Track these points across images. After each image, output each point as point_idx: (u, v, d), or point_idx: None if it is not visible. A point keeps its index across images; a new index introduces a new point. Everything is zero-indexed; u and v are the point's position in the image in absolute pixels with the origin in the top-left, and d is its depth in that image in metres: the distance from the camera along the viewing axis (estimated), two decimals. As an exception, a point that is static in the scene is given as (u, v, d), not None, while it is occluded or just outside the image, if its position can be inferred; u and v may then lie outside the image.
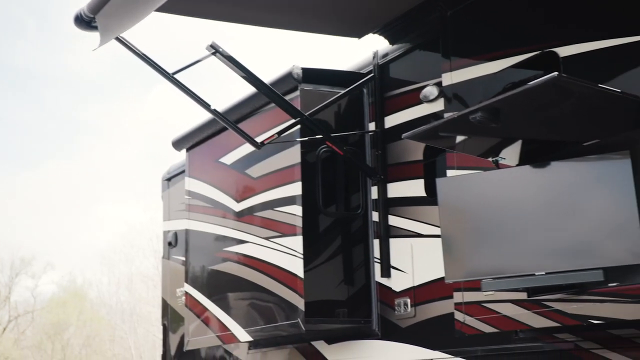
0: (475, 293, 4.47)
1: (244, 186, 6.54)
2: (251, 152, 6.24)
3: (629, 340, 3.99)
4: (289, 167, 5.92)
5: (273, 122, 5.97)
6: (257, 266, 6.25)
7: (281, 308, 5.88)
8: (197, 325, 7.00)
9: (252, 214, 6.36)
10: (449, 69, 4.84)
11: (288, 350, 6.53)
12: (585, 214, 4.02)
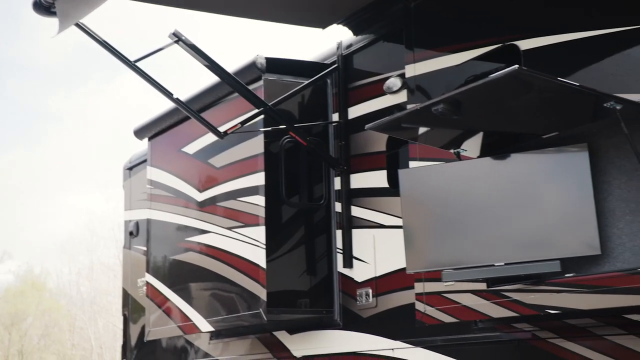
0: (436, 283, 4.51)
1: (206, 176, 6.50)
2: (214, 142, 6.20)
3: (585, 330, 4.07)
4: (252, 157, 5.90)
5: (236, 112, 5.94)
6: (219, 256, 6.23)
7: (243, 298, 5.87)
8: (158, 316, 6.95)
9: (215, 203, 6.33)
10: (412, 61, 4.86)
11: (250, 340, 6.53)
12: (543, 205, 4.08)
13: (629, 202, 3.90)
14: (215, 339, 6.90)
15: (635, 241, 3.85)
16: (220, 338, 6.84)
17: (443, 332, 4.82)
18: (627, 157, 3.90)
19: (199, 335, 7.06)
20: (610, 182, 3.98)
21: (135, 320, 8.24)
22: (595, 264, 4.00)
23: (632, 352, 3.85)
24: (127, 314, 8.44)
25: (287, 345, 6.13)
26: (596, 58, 3.87)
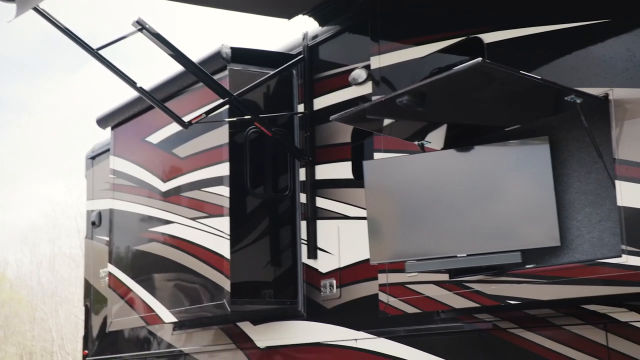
0: (399, 274, 4.54)
1: (170, 166, 6.45)
2: (178, 132, 6.15)
3: (544, 320, 4.14)
4: (217, 148, 5.87)
5: (201, 102, 5.90)
6: (183, 247, 6.19)
7: (207, 289, 5.85)
8: (121, 306, 6.89)
9: (179, 194, 6.29)
10: (377, 53, 4.87)
11: (213, 331, 6.51)
12: (505, 197, 4.13)
13: (588, 194, 3.96)
14: (178, 329, 6.87)
15: (593, 233, 3.92)
16: (184, 329, 6.82)
17: (406, 323, 4.86)
18: (586, 150, 3.97)
19: (162, 326, 7.02)
20: (570, 174, 4.04)
21: (97, 311, 8.17)
22: (555, 255, 4.07)
23: (589, 342, 3.93)
24: (89, 305, 8.36)
25: (251, 336, 6.13)
26: (558, 52, 3.92)
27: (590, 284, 3.65)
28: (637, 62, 3.57)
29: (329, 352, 5.45)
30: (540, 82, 3.64)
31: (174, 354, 6.93)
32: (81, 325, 8.75)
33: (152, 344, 7.27)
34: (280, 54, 6.04)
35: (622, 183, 3.55)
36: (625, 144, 3.55)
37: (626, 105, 3.57)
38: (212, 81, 5.53)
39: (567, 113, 3.89)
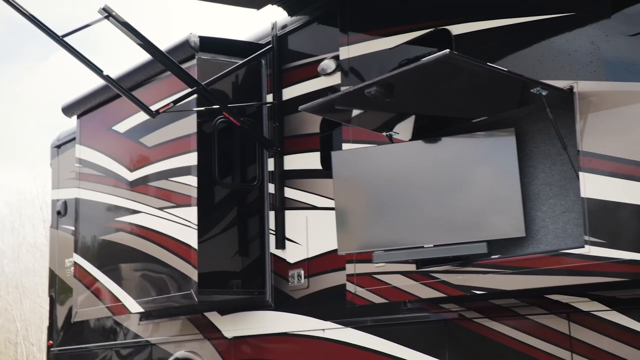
0: (367, 265, 4.57)
1: (137, 155, 6.40)
2: (146, 121, 6.10)
3: (509, 310, 4.19)
4: (185, 137, 5.83)
5: (169, 91, 5.85)
6: (150, 237, 6.15)
7: (174, 279, 5.83)
8: (86, 297, 6.84)
9: (146, 183, 6.24)
10: (346, 43, 4.88)
11: (180, 321, 6.49)
12: (472, 188, 4.17)
13: (552, 185, 4.02)
14: (145, 320, 6.84)
15: (558, 224, 3.98)
16: (151, 319, 6.78)
17: (373, 313, 4.88)
18: (551, 142, 4.01)
19: (128, 317, 6.98)
20: (535, 166, 4.09)
21: (62, 301, 8.10)
22: (520, 246, 4.12)
23: (553, 331, 3.99)
24: (53, 295, 8.28)
25: (218, 326, 6.12)
26: (524, 44, 3.96)
27: (553, 274, 3.70)
28: (601, 55, 3.62)
29: (297, 342, 5.46)
30: (507, 74, 3.67)
31: (140, 344, 6.89)
32: (46, 316, 8.65)
33: (119, 335, 7.22)
34: (249, 43, 6.01)
35: (585, 175, 3.60)
36: (589, 136, 3.60)
37: (590, 98, 3.62)
38: (180, 70, 5.48)
39: (533, 105, 3.93)
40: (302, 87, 5.63)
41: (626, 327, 3.69)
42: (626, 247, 3.45)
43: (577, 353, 3.87)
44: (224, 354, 6.02)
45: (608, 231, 3.51)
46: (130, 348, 7.04)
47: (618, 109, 3.52)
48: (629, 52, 3.52)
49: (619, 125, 3.51)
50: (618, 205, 3.49)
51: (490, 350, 4.26)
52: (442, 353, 4.49)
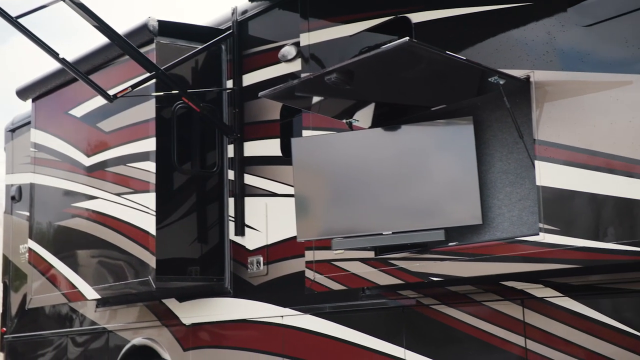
0: (326, 252, 4.58)
1: (95, 140, 6.31)
2: (103, 105, 6.01)
3: (465, 296, 4.24)
4: (143, 122, 5.76)
5: (127, 75, 5.77)
6: (108, 223, 6.08)
7: (131, 265, 5.78)
8: (42, 283, 6.74)
9: (104, 169, 6.17)
10: (307, 30, 4.86)
11: (138, 308, 6.44)
12: (430, 176, 4.20)
13: (509, 174, 4.07)
14: (102, 306, 6.77)
15: (513, 211, 4.03)
16: (107, 306, 6.72)
17: (332, 299, 4.90)
18: (508, 131, 4.06)
19: (84, 303, 6.91)
20: (492, 154, 4.14)
21: (17, 288, 7.98)
22: (477, 233, 4.17)
23: (507, 317, 4.05)
24: (7, 282, 8.15)
25: (177, 313, 6.09)
26: (483, 33, 3.99)
27: (509, 261, 3.75)
28: (557, 45, 3.66)
29: (255, 328, 5.46)
30: (465, 63, 3.70)
31: (97, 331, 6.83)
32: (-1, 303, 8.52)
33: (74, 322, 7.14)
34: (209, 28, 5.95)
35: (541, 163, 3.65)
36: (545, 125, 3.65)
37: (546, 87, 3.66)
38: (138, 54, 5.41)
39: (490, 94, 3.97)
40: (263, 74, 5.60)
41: (578, 312, 3.77)
42: (579, 235, 3.51)
43: (530, 338, 3.94)
44: (182, 341, 6.00)
45: (562, 219, 3.57)
46: (87, 335, 6.97)
47: (573, 98, 3.57)
48: (584, 43, 3.57)
49: (574, 115, 3.56)
50: (572, 194, 3.55)
51: (447, 336, 4.31)
52: (400, 339, 4.53)
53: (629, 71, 3.40)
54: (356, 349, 4.77)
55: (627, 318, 3.61)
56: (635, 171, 3.35)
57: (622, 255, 3.37)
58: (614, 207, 3.43)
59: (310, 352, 5.04)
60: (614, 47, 3.47)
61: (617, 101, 3.43)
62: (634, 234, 3.35)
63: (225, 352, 5.66)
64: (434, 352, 4.36)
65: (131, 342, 6.43)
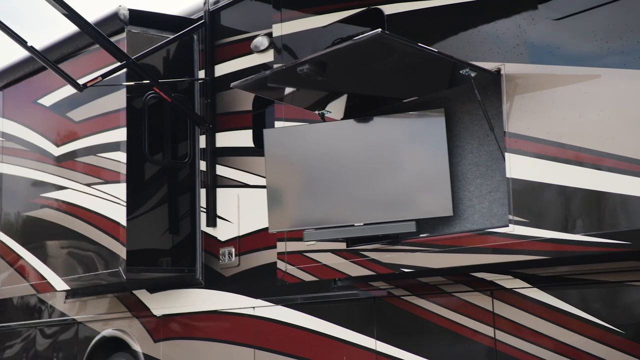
0: (298, 243, 4.58)
1: (64, 130, 6.24)
2: (73, 95, 5.94)
3: (435, 287, 4.27)
4: (114, 112, 5.71)
5: (97, 64, 5.71)
6: (77, 213, 6.03)
7: (101, 256, 5.73)
8: (9, 274, 6.67)
9: (73, 159, 6.11)
10: (279, 20, 4.84)
11: (108, 299, 6.39)
12: (402, 168, 4.22)
13: (480, 166, 4.10)
14: (71, 297, 6.71)
15: (484, 203, 4.06)
16: (77, 297, 6.66)
17: (303, 291, 4.91)
18: (479, 123, 4.09)
19: (54, 294, 6.84)
20: (463, 146, 4.16)
21: (-16, 279, 7.87)
22: (448, 225, 4.19)
23: (477, 308, 4.08)
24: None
25: (147, 304, 6.05)
26: (455, 26, 4.00)
27: (479, 252, 3.78)
28: (527, 38, 3.69)
29: (227, 319, 5.45)
30: (437, 55, 3.71)
31: (66, 322, 6.77)
32: (-33, 294, 8.39)
33: (43, 313, 7.07)
34: (181, 18, 5.91)
35: (511, 155, 3.68)
36: (515, 117, 3.68)
37: (517, 80, 3.69)
38: (108, 43, 5.35)
39: (462, 86, 3.99)
40: (235, 64, 5.57)
41: (547, 303, 3.81)
42: (548, 226, 3.55)
43: (499, 329, 3.98)
44: (153, 332, 5.97)
45: (531, 211, 3.61)
46: (56, 327, 6.90)
47: (542, 91, 3.60)
48: (554, 36, 3.60)
49: (543, 108, 3.59)
50: (541, 186, 3.59)
51: (418, 327, 4.34)
52: (371, 330, 4.55)
53: (597, 65, 3.43)
54: (327, 339, 4.78)
55: (594, 309, 3.67)
56: (602, 164, 3.39)
57: (589, 246, 3.42)
58: (582, 199, 3.47)
59: (282, 343, 5.05)
60: (582, 41, 3.50)
61: (585, 94, 3.46)
62: (601, 226, 3.39)
63: (196, 343, 5.65)
64: (405, 343, 4.38)
65: (101, 334, 6.39)
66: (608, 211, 3.39)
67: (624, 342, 3.55)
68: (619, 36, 3.38)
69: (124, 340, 6.18)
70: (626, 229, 3.30)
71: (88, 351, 6.44)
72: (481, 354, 4.05)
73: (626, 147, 3.32)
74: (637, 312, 3.58)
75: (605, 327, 3.61)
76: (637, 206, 3.28)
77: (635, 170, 3.28)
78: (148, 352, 5.97)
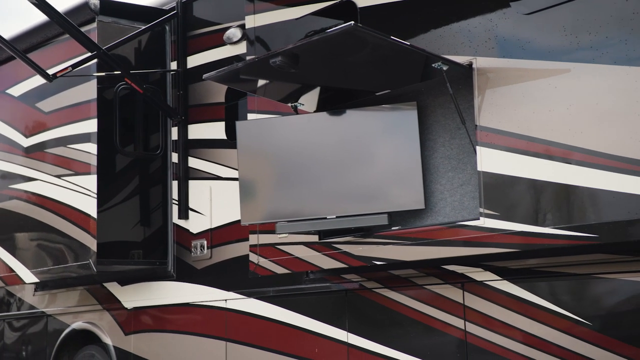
0: (270, 235, 4.57)
1: (34, 121, 6.17)
2: (42, 85, 5.88)
3: (407, 280, 4.29)
4: (84, 103, 5.66)
5: (67, 54, 5.65)
6: (47, 205, 5.97)
7: (71, 249, 5.68)
8: (-22, 267, 6.58)
9: (43, 150, 6.04)
10: (252, 12, 4.82)
11: (78, 291, 6.34)
12: (374, 161, 4.23)
13: (451, 159, 4.12)
14: (41, 290, 6.64)
15: (455, 196, 4.09)
16: (47, 289, 6.59)
17: (275, 283, 4.91)
18: (451, 117, 4.11)
19: (22, 287, 6.77)
20: (435, 139, 4.18)
21: (-49, 271, 7.76)
22: (419, 218, 4.22)
23: (448, 301, 4.11)
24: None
25: (118, 296, 6.01)
26: (428, 19, 4.01)
27: (450, 245, 3.81)
28: (499, 32, 3.71)
29: (198, 312, 5.43)
30: (409, 48, 3.72)
31: (35, 315, 6.70)
32: None
33: (12, 306, 6.99)
34: (153, 8, 5.86)
35: (482, 149, 3.70)
36: (486, 111, 3.70)
37: (488, 74, 3.71)
38: (79, 33, 5.29)
39: (434, 79, 4.00)
40: (207, 56, 5.54)
41: (516, 295, 3.85)
42: (518, 220, 3.58)
43: (470, 321, 4.02)
44: (124, 325, 5.93)
45: (502, 204, 3.63)
46: (25, 319, 6.83)
47: (513, 85, 3.63)
48: (524, 31, 3.63)
49: (514, 102, 3.62)
50: (511, 179, 3.62)
51: (389, 319, 4.36)
52: (343, 322, 4.56)
53: (567, 59, 3.47)
54: (300, 332, 4.79)
55: (562, 301, 3.71)
56: (572, 157, 3.43)
57: (558, 239, 3.46)
58: (551, 192, 3.50)
59: (254, 336, 5.05)
60: (552, 35, 3.53)
61: (555, 89, 3.50)
62: (570, 219, 3.43)
63: (168, 335, 5.63)
64: (376, 335, 4.40)
65: (71, 326, 6.33)
66: (577, 204, 3.43)
67: (590, 334, 3.60)
68: (588, 31, 3.42)
69: (94, 333, 6.13)
70: (594, 222, 3.34)
71: (57, 344, 6.39)
72: (452, 346, 4.08)
73: (594, 141, 3.36)
74: (603, 304, 3.63)
75: (572, 319, 3.66)
76: (604, 200, 3.32)
77: (603, 164, 3.32)
78: (119, 345, 5.93)
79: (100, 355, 6.08)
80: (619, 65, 3.31)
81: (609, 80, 3.34)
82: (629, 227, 3.24)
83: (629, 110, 3.27)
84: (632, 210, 3.22)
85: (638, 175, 3.22)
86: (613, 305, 3.61)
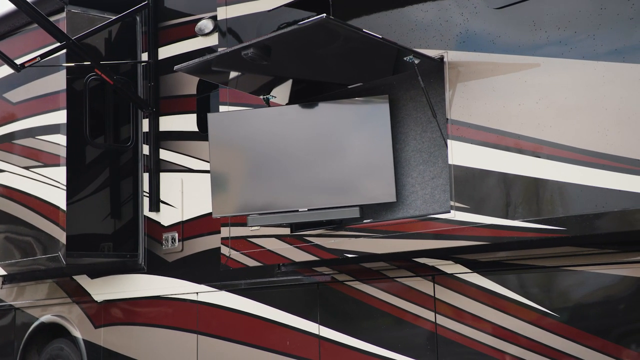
0: (242, 228, 4.56)
1: (1, 111, 6.10)
2: (10, 75, 5.80)
3: (378, 272, 4.31)
4: (53, 94, 5.59)
5: (36, 44, 5.57)
6: (15, 197, 5.89)
7: (40, 241, 5.62)
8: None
9: (11, 141, 5.96)
10: (224, 3, 4.79)
11: (47, 284, 6.27)
12: (346, 154, 4.23)
13: (422, 152, 4.14)
14: (8, 283, 6.56)
15: (426, 189, 4.11)
16: (15, 282, 6.51)
17: (247, 276, 4.90)
18: (422, 110, 4.12)
19: (-10, 280, 6.69)
20: (407, 133, 4.20)
21: None
22: (391, 211, 4.23)
23: (419, 293, 4.14)
24: None
25: (88, 289, 5.96)
26: (399, 12, 4.01)
27: (421, 238, 3.83)
28: (470, 27, 3.73)
29: (169, 305, 5.41)
30: (381, 41, 3.72)
31: (3, 308, 6.62)
32: None
33: (-20, 299, 6.90)
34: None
35: (453, 142, 3.73)
36: (457, 104, 3.72)
37: (459, 67, 3.73)
38: (47, 23, 5.21)
39: (406, 73, 4.01)
40: (179, 47, 5.50)
41: (486, 288, 3.89)
42: (488, 213, 3.61)
43: (440, 313, 4.05)
44: (94, 318, 5.89)
45: (472, 197, 3.66)
46: (-7, 313, 6.75)
47: (484, 79, 3.65)
48: (495, 25, 3.65)
49: (485, 95, 3.64)
50: (482, 173, 3.64)
51: (361, 311, 4.37)
52: (314, 315, 4.57)
53: (537, 54, 3.49)
54: (271, 325, 4.79)
55: (532, 293, 3.75)
56: (541, 151, 3.46)
57: (528, 232, 3.49)
58: (521, 186, 3.54)
59: (225, 329, 5.04)
60: (522, 30, 3.56)
61: (525, 83, 3.52)
62: (539, 212, 3.46)
63: (138, 328, 5.59)
64: (348, 328, 4.42)
65: (40, 320, 6.27)
66: (545, 198, 3.46)
67: (558, 325, 3.65)
68: (557, 26, 3.45)
69: (64, 326, 6.08)
70: (562, 215, 3.38)
71: (26, 337, 6.32)
72: (422, 338, 4.11)
73: (563, 135, 3.39)
74: (571, 297, 3.68)
75: (541, 311, 3.70)
76: (572, 193, 3.36)
77: (571, 158, 3.36)
78: (88, 338, 5.88)
79: (69, 348, 6.03)
80: (587, 60, 3.34)
81: (577, 75, 3.37)
82: (596, 220, 3.28)
83: (596, 104, 3.30)
84: (599, 204, 3.26)
85: (605, 169, 3.26)
86: (580, 297, 3.66)
